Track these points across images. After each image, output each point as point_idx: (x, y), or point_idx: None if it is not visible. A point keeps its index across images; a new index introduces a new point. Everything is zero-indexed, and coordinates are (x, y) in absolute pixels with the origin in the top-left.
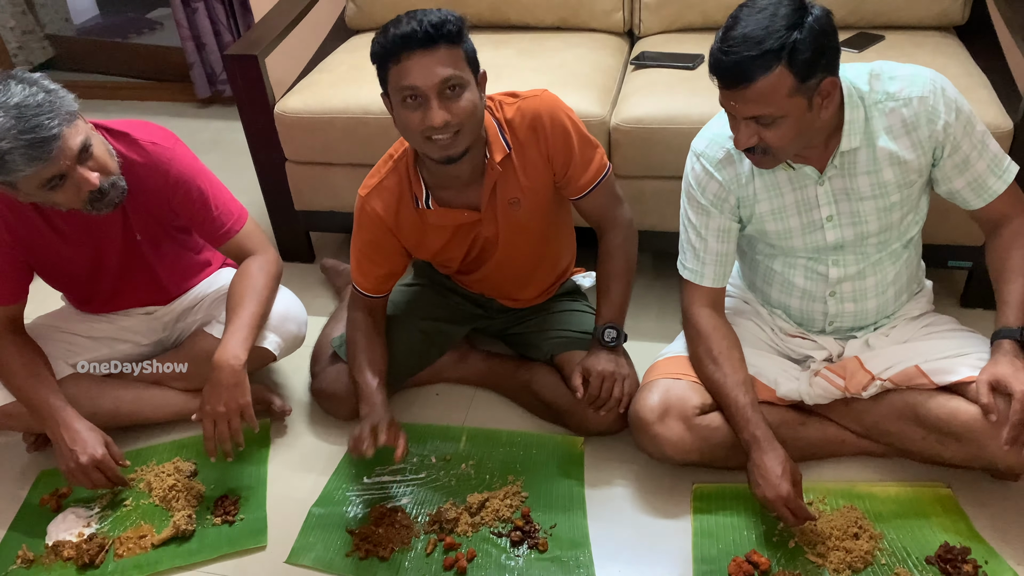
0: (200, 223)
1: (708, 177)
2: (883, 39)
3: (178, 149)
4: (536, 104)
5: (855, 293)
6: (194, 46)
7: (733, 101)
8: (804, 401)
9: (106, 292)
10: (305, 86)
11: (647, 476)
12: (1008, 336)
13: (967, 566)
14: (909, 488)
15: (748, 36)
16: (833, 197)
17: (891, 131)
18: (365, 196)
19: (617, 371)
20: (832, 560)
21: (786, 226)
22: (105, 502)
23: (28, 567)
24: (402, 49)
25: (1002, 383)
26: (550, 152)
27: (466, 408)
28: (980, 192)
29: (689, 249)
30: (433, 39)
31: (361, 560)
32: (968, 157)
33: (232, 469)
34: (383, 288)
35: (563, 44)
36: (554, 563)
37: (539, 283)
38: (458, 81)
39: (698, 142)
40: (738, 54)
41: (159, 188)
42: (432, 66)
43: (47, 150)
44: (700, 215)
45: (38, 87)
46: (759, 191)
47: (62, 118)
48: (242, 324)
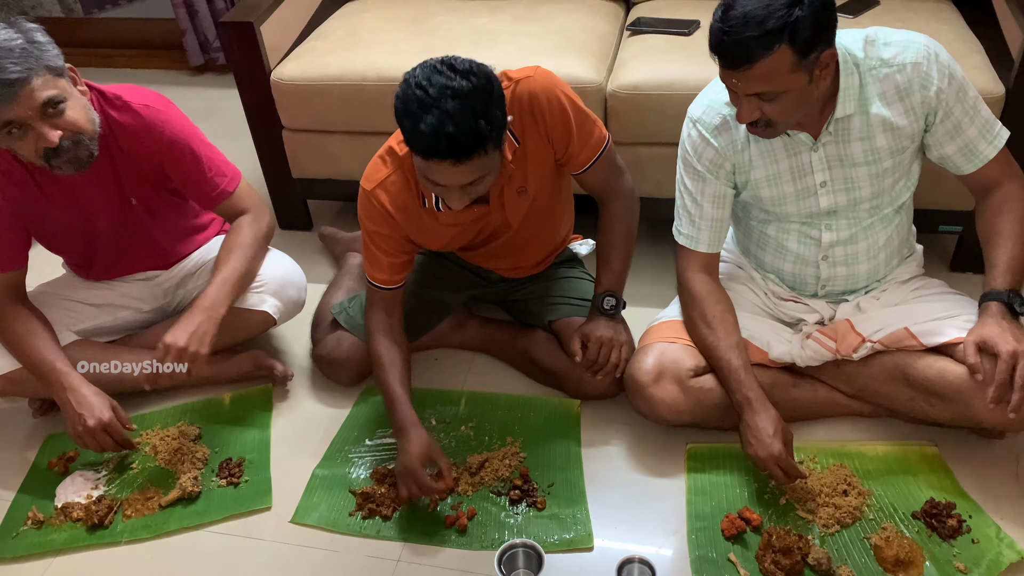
0: (193, 185)
1: (704, 143)
2: (878, 4)
3: (171, 112)
4: (531, 85)
5: (847, 257)
6: (186, 13)
7: (735, 79)
8: (796, 363)
9: (105, 258)
10: (301, 53)
11: (642, 437)
12: (995, 299)
13: (952, 520)
14: (897, 447)
15: (749, 16)
16: (827, 163)
17: (884, 97)
18: (371, 190)
19: (615, 337)
20: (822, 516)
21: (780, 192)
22: (112, 465)
23: (39, 528)
24: (431, 155)
25: (988, 344)
26: (549, 132)
27: (465, 372)
28: (971, 157)
29: (685, 215)
30: (459, 157)
31: (364, 519)
32: (960, 123)
33: (236, 433)
34: (396, 279)
35: (558, 10)
36: (552, 520)
37: (539, 253)
38: (481, 177)
39: (695, 108)
40: (739, 35)
41: (153, 151)
42: (459, 175)
43: (4, 93)
44: (696, 181)
45: (22, 35)
46: (754, 157)
47: (32, 68)
48: (225, 279)
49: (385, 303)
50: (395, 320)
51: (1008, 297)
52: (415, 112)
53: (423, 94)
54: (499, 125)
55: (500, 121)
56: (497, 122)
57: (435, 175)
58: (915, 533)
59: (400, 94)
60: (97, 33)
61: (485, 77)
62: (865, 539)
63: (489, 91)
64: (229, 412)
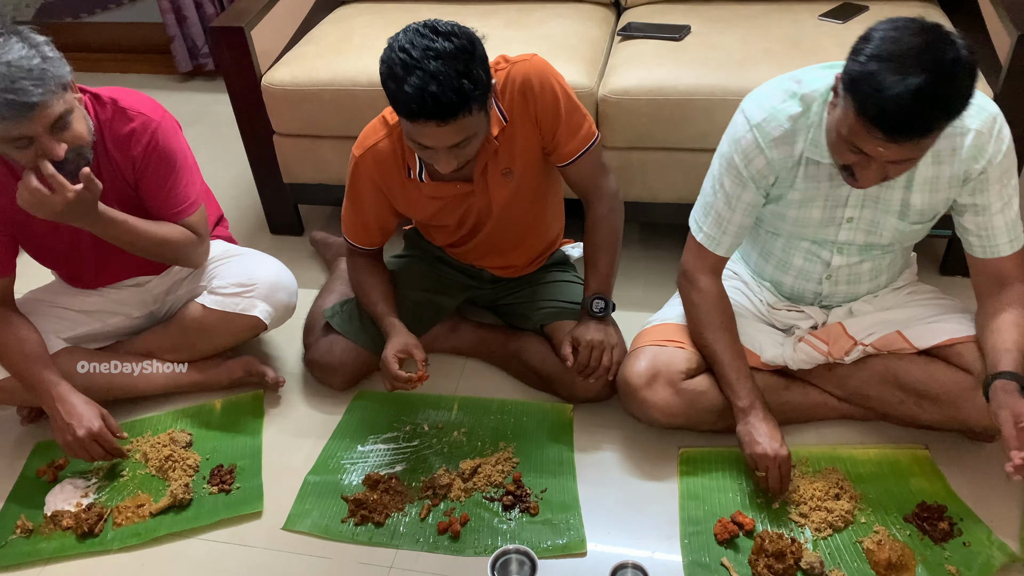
0: (156, 198)
1: (758, 151)
2: (867, 9)
3: (165, 122)
4: (526, 68)
5: (850, 277)
6: (175, 18)
7: (883, 148)
8: (788, 366)
9: (90, 266)
10: (292, 58)
11: (635, 441)
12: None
13: (943, 524)
14: (888, 450)
15: (938, 97)
16: (862, 202)
17: (938, 155)
18: (360, 156)
19: (606, 340)
20: (814, 520)
21: (807, 215)
22: (102, 473)
23: (28, 536)
24: (419, 115)
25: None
26: (539, 116)
27: (457, 377)
28: (985, 244)
29: (712, 215)
30: (448, 117)
31: (357, 526)
32: (990, 206)
33: (227, 440)
34: (375, 242)
35: (550, 15)
36: (545, 525)
37: (529, 251)
38: (467, 138)
39: (755, 110)
40: (930, 116)
41: (136, 156)
42: (444, 135)
43: (22, 113)
44: (736, 185)
45: (37, 52)
46: (799, 178)
47: (49, 88)
48: (136, 220)
49: (365, 253)
50: (376, 258)
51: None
52: (399, 75)
53: (406, 56)
54: (483, 85)
55: (484, 81)
56: (480, 82)
57: (422, 137)
58: (907, 536)
59: (384, 58)
60: (85, 37)
61: (467, 38)
62: (857, 543)
63: (471, 51)
64: (220, 418)
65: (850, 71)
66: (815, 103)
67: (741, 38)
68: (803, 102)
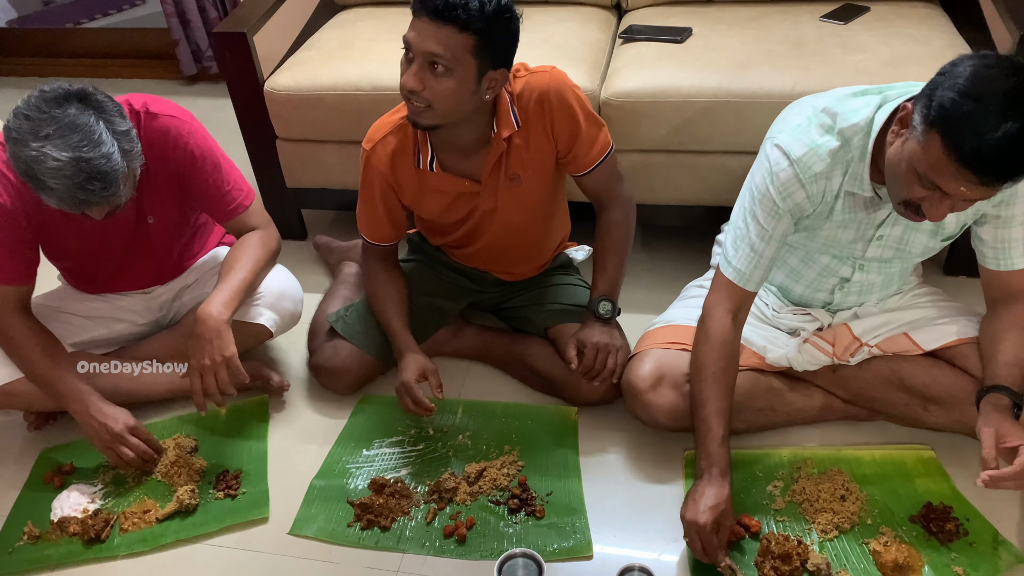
0: (211, 198)
1: (798, 186)
2: (868, 10)
3: (195, 124)
4: (545, 80)
5: (862, 288)
6: (179, 23)
7: (966, 188)
8: (792, 368)
9: (107, 273)
10: (294, 63)
11: (640, 443)
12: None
13: (949, 524)
14: (893, 451)
15: None
16: (895, 220)
17: None
18: (369, 150)
19: (611, 343)
20: (820, 521)
21: (837, 236)
22: (108, 479)
23: (35, 542)
24: (419, 8)
25: (1006, 438)
26: (555, 130)
27: (462, 381)
28: (1000, 257)
29: (746, 250)
30: (441, 16)
31: (363, 530)
32: (1012, 219)
33: (232, 445)
34: (391, 237)
35: (551, 18)
36: (551, 529)
37: (534, 257)
38: (445, 64)
39: (793, 146)
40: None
41: (176, 161)
42: (428, 37)
43: (94, 206)
44: (772, 218)
45: (110, 131)
46: (837, 210)
47: (117, 187)
48: (230, 286)
49: (380, 255)
50: (391, 264)
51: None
52: None
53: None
54: (490, 14)
55: (492, 12)
56: (489, 8)
57: (411, 31)
58: (913, 537)
59: None
60: (90, 43)
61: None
62: (864, 544)
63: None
64: (226, 424)
65: (940, 107)
66: (856, 137)
67: (742, 40)
68: (841, 136)
